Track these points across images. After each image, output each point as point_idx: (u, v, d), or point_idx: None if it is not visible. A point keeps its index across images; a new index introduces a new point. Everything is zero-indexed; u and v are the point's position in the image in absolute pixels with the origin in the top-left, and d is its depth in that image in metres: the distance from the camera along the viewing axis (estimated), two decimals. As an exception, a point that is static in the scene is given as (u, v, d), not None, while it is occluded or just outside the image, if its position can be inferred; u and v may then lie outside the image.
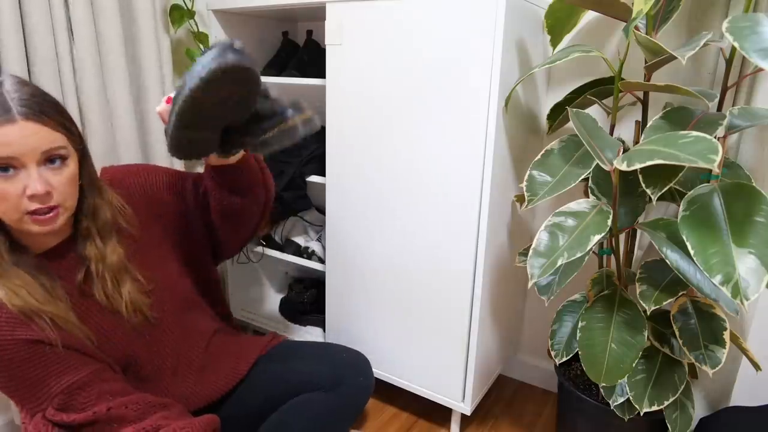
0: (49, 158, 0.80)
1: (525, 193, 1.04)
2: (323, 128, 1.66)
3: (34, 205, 0.79)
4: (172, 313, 1.04)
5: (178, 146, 0.83)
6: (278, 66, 1.69)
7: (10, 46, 1.16)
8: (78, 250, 0.91)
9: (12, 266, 0.83)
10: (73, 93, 1.32)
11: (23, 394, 0.82)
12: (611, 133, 1.11)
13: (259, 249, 1.70)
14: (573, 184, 0.99)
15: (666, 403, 1.02)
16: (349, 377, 1.12)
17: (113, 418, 0.86)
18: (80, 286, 0.91)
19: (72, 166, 0.83)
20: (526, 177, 1.06)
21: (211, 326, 1.14)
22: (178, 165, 1.60)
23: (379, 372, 1.44)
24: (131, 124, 1.44)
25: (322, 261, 1.59)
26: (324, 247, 1.50)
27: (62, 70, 1.27)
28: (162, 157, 1.54)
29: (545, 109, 1.39)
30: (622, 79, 1.03)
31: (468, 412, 1.32)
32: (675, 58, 0.89)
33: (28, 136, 0.77)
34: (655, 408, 1.02)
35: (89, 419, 0.84)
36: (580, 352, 1.05)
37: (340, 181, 1.37)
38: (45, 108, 0.80)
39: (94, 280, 0.91)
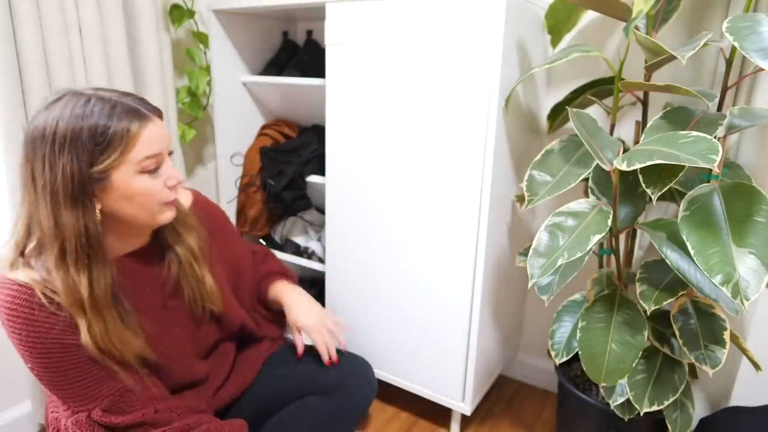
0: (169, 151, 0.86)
1: (525, 193, 1.04)
2: (323, 128, 1.66)
3: (173, 195, 0.85)
4: (216, 340, 1.09)
5: None
6: (278, 66, 1.69)
7: (31, 48, 1.17)
8: (159, 246, 0.94)
9: (110, 304, 0.83)
10: None
11: (71, 394, 0.83)
12: (611, 133, 1.11)
13: (259, 249, 1.70)
14: (573, 184, 0.99)
15: (666, 403, 1.02)
16: (352, 383, 1.11)
17: (159, 421, 0.88)
18: (167, 286, 0.94)
19: None
20: (526, 177, 1.06)
21: (234, 349, 1.16)
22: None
23: (379, 372, 1.44)
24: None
25: (322, 261, 1.58)
26: (324, 247, 1.50)
27: (76, 72, 1.27)
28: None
29: (545, 109, 1.39)
30: (622, 79, 1.03)
31: (468, 413, 1.32)
32: (675, 58, 0.89)
33: (163, 132, 0.82)
34: (655, 408, 1.02)
35: (137, 420, 0.86)
36: (580, 352, 1.05)
37: (340, 181, 1.37)
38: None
39: (180, 278, 0.95)
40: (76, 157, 0.75)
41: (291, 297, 1.18)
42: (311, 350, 1.19)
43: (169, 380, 0.96)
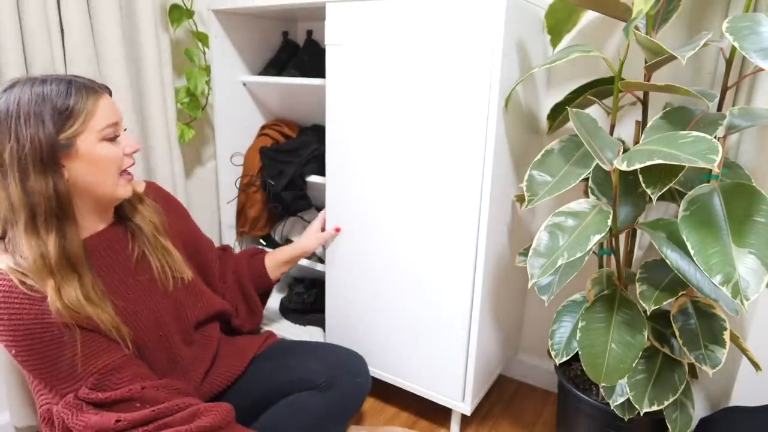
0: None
1: (525, 193, 1.04)
2: (323, 128, 1.66)
3: (130, 161, 0.93)
4: (196, 320, 1.10)
5: None
6: (278, 66, 1.69)
7: (10, 48, 1.16)
8: (123, 225, 1.00)
9: (83, 263, 0.87)
10: None
11: (57, 375, 0.84)
12: (611, 133, 1.11)
13: (259, 249, 1.70)
14: (573, 184, 0.99)
15: (666, 403, 1.02)
16: (344, 377, 1.11)
17: (147, 398, 0.89)
18: (134, 261, 0.98)
19: None
20: (526, 177, 1.06)
21: (218, 334, 1.16)
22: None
23: (379, 372, 1.44)
24: (132, 126, 1.43)
25: (322, 261, 1.58)
26: (324, 247, 1.50)
27: (57, 71, 1.27)
28: (164, 160, 1.53)
29: (545, 109, 1.39)
30: (622, 79, 1.03)
31: (468, 412, 1.32)
32: (675, 58, 0.89)
33: (115, 105, 0.91)
34: (655, 408, 1.02)
35: (125, 396, 0.87)
36: (580, 353, 1.05)
37: (340, 181, 1.37)
38: None
39: (145, 250, 1.00)
40: (43, 126, 0.81)
41: (288, 245, 1.40)
42: (300, 344, 1.22)
43: (154, 364, 0.97)
